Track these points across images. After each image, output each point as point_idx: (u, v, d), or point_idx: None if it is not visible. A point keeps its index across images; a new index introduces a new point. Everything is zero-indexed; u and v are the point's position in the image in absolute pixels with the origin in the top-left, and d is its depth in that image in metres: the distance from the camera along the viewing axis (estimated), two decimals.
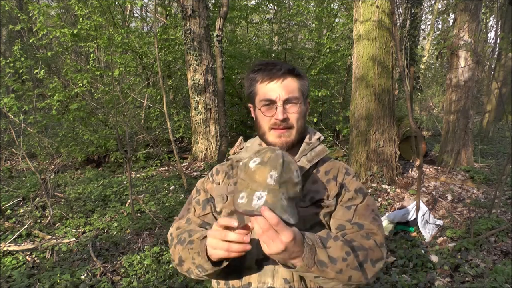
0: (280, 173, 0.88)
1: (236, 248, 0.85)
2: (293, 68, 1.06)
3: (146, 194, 5.24)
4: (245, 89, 1.12)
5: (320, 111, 8.57)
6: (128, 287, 2.98)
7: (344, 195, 1.09)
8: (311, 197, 1.05)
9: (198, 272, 0.99)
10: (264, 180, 0.88)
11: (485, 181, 5.45)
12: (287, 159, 0.92)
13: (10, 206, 4.67)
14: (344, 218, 1.05)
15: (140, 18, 11.45)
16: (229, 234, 0.85)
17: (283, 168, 0.89)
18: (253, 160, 0.92)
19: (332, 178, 1.10)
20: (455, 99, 6.11)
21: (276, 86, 1.04)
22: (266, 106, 1.05)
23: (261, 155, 0.93)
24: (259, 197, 0.87)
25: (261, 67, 1.07)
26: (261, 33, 11.03)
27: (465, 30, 5.94)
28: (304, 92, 1.08)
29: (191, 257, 0.98)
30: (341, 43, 8.72)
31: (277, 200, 0.86)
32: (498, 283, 2.78)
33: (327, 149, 1.14)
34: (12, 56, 6.99)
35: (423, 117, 12.53)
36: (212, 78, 7.05)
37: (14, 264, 3.32)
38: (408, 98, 4.60)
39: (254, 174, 0.89)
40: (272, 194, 0.87)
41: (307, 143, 1.12)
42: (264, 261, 1.02)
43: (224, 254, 0.87)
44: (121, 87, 6.25)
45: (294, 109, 1.05)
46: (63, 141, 7.16)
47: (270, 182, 0.87)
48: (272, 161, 0.90)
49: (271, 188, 0.87)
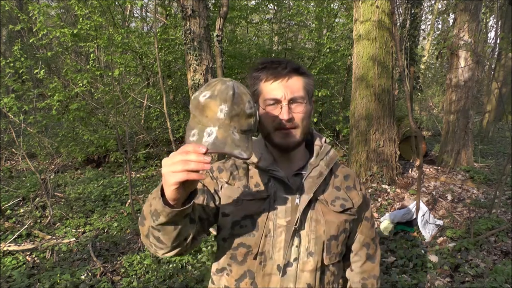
0: (230, 106, 0.83)
1: (194, 165, 0.73)
2: (299, 67, 1.04)
3: (146, 194, 5.24)
4: (249, 87, 1.07)
5: (320, 111, 8.56)
6: (128, 287, 2.98)
7: (367, 209, 1.17)
8: (342, 204, 1.06)
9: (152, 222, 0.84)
10: (214, 114, 0.83)
11: (485, 181, 5.44)
12: (239, 90, 0.86)
13: (10, 206, 4.67)
14: (370, 236, 1.17)
15: (140, 18, 11.45)
16: (190, 154, 0.74)
17: (233, 100, 0.83)
18: (203, 94, 0.85)
19: (352, 187, 1.12)
20: (455, 99, 6.11)
21: (282, 85, 1.01)
22: (271, 105, 1.02)
23: (211, 88, 0.86)
24: (209, 133, 0.82)
25: (265, 65, 1.04)
26: (261, 33, 11.02)
27: (465, 30, 5.94)
28: (309, 91, 1.06)
29: (149, 204, 0.85)
30: (341, 43, 8.71)
31: (227, 135, 0.82)
32: (498, 283, 2.78)
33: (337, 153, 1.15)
34: (12, 56, 6.99)
35: (423, 117, 12.52)
36: (212, 78, 7.05)
37: (14, 264, 3.32)
38: (408, 98, 4.61)
39: (204, 109, 0.84)
40: (222, 129, 0.82)
41: (320, 146, 1.11)
42: (287, 266, 1.00)
43: (182, 176, 0.73)
44: (121, 87, 6.24)
45: (300, 108, 1.02)
46: (63, 141, 7.15)
47: (220, 116, 0.83)
48: (221, 93, 0.84)
49: (221, 122, 0.83)
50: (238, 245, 1.02)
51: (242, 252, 1.02)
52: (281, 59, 1.05)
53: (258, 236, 1.00)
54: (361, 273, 1.16)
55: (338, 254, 1.07)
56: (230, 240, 1.03)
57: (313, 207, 1.03)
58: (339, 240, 1.05)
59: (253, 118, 0.88)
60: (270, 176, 1.04)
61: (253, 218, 1.01)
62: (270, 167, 1.03)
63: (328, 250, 1.03)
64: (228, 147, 0.80)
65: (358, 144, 5.25)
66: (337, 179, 1.11)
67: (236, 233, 1.02)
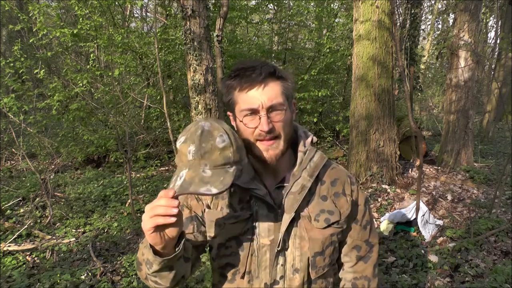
0: (198, 145, 0.84)
1: (161, 210, 0.77)
2: (274, 70, 0.96)
3: (146, 194, 5.24)
4: (224, 96, 1.01)
5: (320, 111, 8.56)
6: (128, 287, 2.98)
7: (358, 213, 1.08)
8: (326, 218, 1.00)
9: (147, 270, 0.88)
10: (185, 157, 0.85)
11: (485, 181, 5.44)
12: (210, 127, 0.86)
13: (10, 206, 4.67)
14: (362, 238, 1.09)
15: (140, 18, 11.44)
16: (160, 200, 0.78)
17: (201, 139, 0.84)
18: (180, 139, 0.88)
19: (341, 192, 1.05)
20: (455, 99, 6.11)
21: (258, 93, 0.93)
22: (248, 116, 0.94)
23: (186, 132, 0.88)
24: (180, 176, 0.84)
25: (238, 73, 0.95)
26: (261, 33, 11.02)
27: (465, 30, 5.94)
28: (288, 95, 0.98)
29: (141, 253, 0.90)
30: (341, 43, 8.71)
31: (195, 175, 0.83)
32: (498, 283, 2.78)
33: (325, 156, 1.05)
34: (12, 56, 6.98)
35: (423, 117, 12.52)
36: (212, 78, 7.03)
37: (14, 264, 3.32)
38: (408, 98, 4.61)
39: (180, 154, 0.87)
40: (192, 169, 0.84)
41: (303, 152, 1.02)
42: (274, 284, 1.00)
43: (151, 222, 0.78)
44: (121, 87, 6.24)
45: (280, 116, 0.94)
46: (63, 141, 7.15)
47: (189, 157, 0.84)
48: (191, 135, 0.86)
49: (191, 163, 0.84)
50: (226, 264, 1.02)
51: (230, 271, 1.02)
52: (255, 63, 0.96)
53: (244, 256, 0.99)
54: (353, 272, 1.12)
55: (326, 265, 1.04)
56: (218, 260, 1.04)
57: (297, 224, 0.99)
58: (326, 254, 1.03)
59: (229, 149, 0.86)
60: (251, 194, 0.99)
61: (238, 239, 1.00)
62: (249, 185, 0.98)
63: (313, 266, 1.01)
64: (194, 186, 0.81)
65: (358, 144, 5.25)
66: (323, 186, 1.04)
67: (222, 254, 1.02)
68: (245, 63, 0.97)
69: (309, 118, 7.99)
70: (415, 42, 9.62)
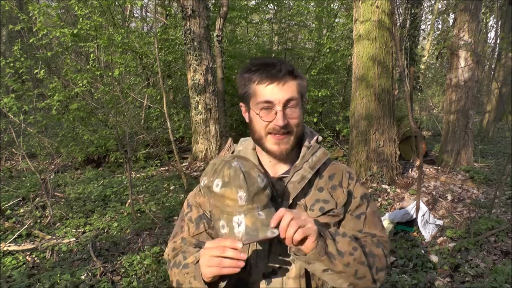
0: (247, 190, 0.86)
1: (229, 263, 0.82)
2: (293, 69, 1.00)
3: (146, 194, 5.24)
4: (239, 88, 1.05)
5: (320, 111, 8.56)
6: (128, 287, 2.98)
7: (352, 203, 1.08)
8: (321, 207, 1.03)
9: None
10: (235, 203, 0.86)
11: (485, 181, 5.44)
12: (246, 168, 0.89)
13: (10, 206, 4.67)
14: (355, 228, 1.06)
15: (140, 18, 11.45)
16: (227, 251, 0.83)
17: (247, 183, 0.86)
18: (215, 183, 0.88)
19: (338, 185, 1.07)
20: (455, 99, 6.11)
21: (276, 89, 0.97)
22: (265, 110, 0.98)
23: (219, 175, 0.89)
24: (238, 223, 0.85)
25: (259, 67, 0.99)
26: (261, 33, 11.03)
27: (465, 30, 5.94)
28: (303, 94, 1.03)
29: (187, 281, 0.95)
30: (341, 43, 8.71)
31: (255, 220, 0.85)
32: (498, 283, 2.78)
33: (328, 152, 1.09)
34: (12, 56, 6.99)
35: (423, 117, 12.53)
36: (212, 78, 7.05)
37: (14, 264, 3.32)
38: (408, 98, 4.61)
39: (223, 199, 0.87)
40: (249, 214, 0.86)
41: (307, 147, 1.07)
42: (272, 274, 1.00)
43: (216, 271, 0.84)
44: (121, 87, 6.24)
45: (294, 113, 0.99)
46: (63, 141, 7.16)
47: (242, 203, 0.86)
48: (234, 180, 0.87)
49: (245, 209, 0.86)
50: None
51: None
52: (274, 60, 1.00)
53: (245, 246, 1.00)
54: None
55: None
56: None
57: None
58: None
59: (268, 187, 0.91)
60: None
61: None
62: None
63: None
64: (262, 233, 0.84)
65: (358, 144, 5.25)
66: (321, 180, 1.07)
67: None
68: (265, 60, 1.01)
69: (309, 118, 7.99)
70: (415, 42, 9.62)
